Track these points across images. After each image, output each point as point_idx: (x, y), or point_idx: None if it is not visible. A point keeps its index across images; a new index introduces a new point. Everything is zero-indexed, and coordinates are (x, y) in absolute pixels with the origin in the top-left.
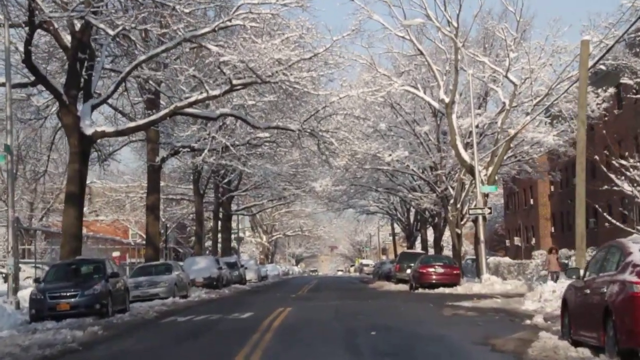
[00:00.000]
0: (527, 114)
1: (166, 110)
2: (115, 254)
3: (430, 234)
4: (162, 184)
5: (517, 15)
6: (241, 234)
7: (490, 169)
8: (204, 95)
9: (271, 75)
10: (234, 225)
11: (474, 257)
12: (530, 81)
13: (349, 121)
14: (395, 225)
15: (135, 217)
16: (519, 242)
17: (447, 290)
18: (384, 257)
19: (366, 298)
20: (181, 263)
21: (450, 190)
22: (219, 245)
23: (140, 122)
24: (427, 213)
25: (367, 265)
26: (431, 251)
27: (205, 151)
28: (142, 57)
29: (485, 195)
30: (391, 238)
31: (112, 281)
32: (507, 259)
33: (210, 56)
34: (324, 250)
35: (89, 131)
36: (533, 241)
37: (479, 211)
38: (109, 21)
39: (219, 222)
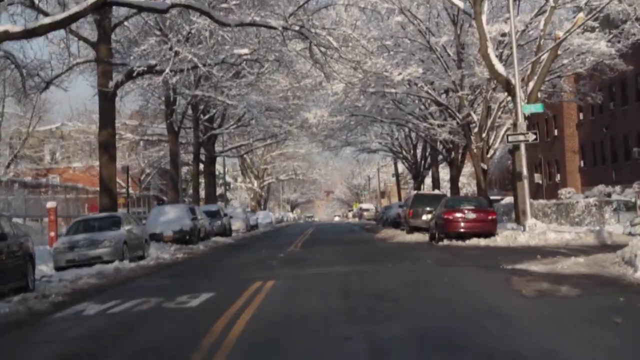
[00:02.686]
0: (580, 8)
1: None
2: (51, 204)
3: (443, 172)
4: (135, 122)
5: None
6: (231, 179)
7: (531, 84)
8: None
9: None
10: (220, 169)
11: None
12: None
13: (350, 18)
14: (399, 165)
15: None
16: (539, 180)
17: (482, 241)
18: (383, 200)
19: (381, 258)
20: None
21: (473, 116)
22: (203, 193)
23: (58, 16)
24: (441, 147)
25: (367, 210)
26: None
27: (167, 70)
28: None
29: (526, 118)
30: (393, 179)
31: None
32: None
33: None
34: (319, 195)
35: None
36: (557, 178)
37: (521, 137)
38: None
39: (201, 166)
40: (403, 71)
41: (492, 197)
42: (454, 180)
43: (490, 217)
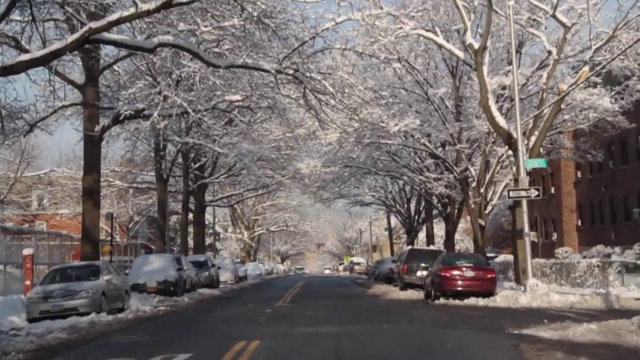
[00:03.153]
0: (585, 62)
1: (76, 35)
2: (27, 251)
3: (436, 227)
4: (124, 169)
5: None
6: (220, 229)
7: (533, 138)
8: (132, 11)
9: None
10: (210, 218)
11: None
12: (589, 19)
13: (347, 66)
14: (392, 218)
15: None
16: (535, 238)
17: (480, 301)
18: (374, 254)
19: (375, 317)
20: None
21: (471, 170)
22: (192, 242)
23: (37, 53)
24: (437, 201)
25: (358, 263)
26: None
27: (155, 114)
28: None
29: (528, 173)
30: (385, 233)
31: None
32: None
33: None
34: (310, 247)
35: None
36: (554, 237)
37: (523, 193)
38: None
39: (190, 215)
40: (400, 122)
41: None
42: (450, 236)
43: (489, 276)
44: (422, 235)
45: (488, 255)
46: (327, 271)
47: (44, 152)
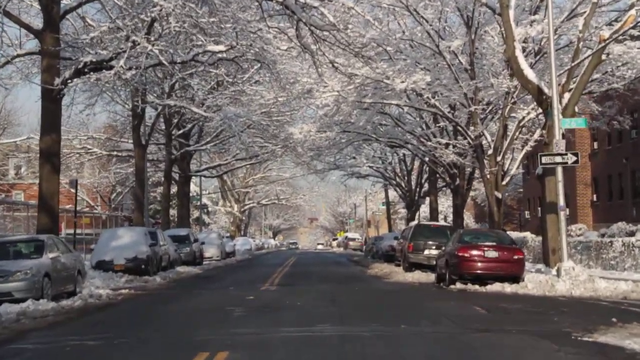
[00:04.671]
0: (632, 5)
1: None
2: None
3: (441, 201)
4: (102, 135)
5: None
6: (209, 202)
7: (567, 95)
8: None
9: None
10: (196, 189)
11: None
12: None
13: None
14: (390, 192)
15: (81, 179)
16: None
17: (507, 287)
18: (369, 230)
19: (384, 309)
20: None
21: (487, 136)
22: (175, 215)
23: None
24: (444, 171)
25: (353, 239)
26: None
27: (121, 62)
28: None
29: (563, 135)
30: (381, 208)
31: None
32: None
33: None
34: (303, 222)
35: None
36: (567, 213)
37: (558, 159)
38: None
39: (174, 185)
40: (407, 79)
41: None
42: (458, 210)
43: (516, 257)
44: (422, 210)
45: None
46: (319, 246)
47: (22, 117)
